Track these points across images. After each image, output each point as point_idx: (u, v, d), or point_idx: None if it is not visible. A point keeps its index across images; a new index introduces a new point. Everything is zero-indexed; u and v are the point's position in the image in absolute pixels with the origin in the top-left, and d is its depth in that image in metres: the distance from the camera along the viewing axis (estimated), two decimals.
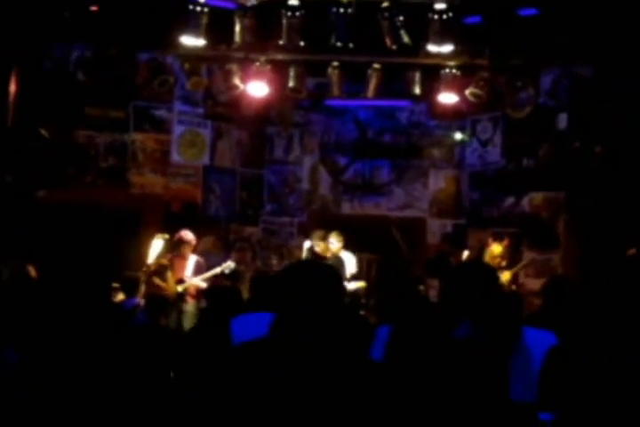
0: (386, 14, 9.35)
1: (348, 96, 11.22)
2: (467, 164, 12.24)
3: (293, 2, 9.31)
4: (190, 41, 9.52)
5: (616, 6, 8.93)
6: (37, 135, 9.92)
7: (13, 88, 9.65)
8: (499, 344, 3.43)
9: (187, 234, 9.59)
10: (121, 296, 8.11)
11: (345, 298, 6.58)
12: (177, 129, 11.52)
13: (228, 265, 9.53)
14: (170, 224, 10.48)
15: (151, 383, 4.33)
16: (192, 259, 9.50)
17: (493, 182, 11.75)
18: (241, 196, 12.23)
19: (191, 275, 9.37)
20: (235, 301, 5.51)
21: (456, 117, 12.00)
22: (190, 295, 9.33)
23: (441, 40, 9.29)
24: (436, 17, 9.16)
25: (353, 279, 9.94)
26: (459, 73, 10.18)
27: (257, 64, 10.22)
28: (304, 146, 12.70)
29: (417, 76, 10.36)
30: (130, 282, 8.10)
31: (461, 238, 11.98)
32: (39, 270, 7.51)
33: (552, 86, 10.89)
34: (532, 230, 11.01)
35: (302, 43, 9.61)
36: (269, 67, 10.26)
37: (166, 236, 9.50)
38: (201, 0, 9.35)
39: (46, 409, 3.99)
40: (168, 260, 9.24)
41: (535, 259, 10.67)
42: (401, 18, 9.36)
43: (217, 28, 9.68)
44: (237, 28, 9.66)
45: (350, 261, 10.05)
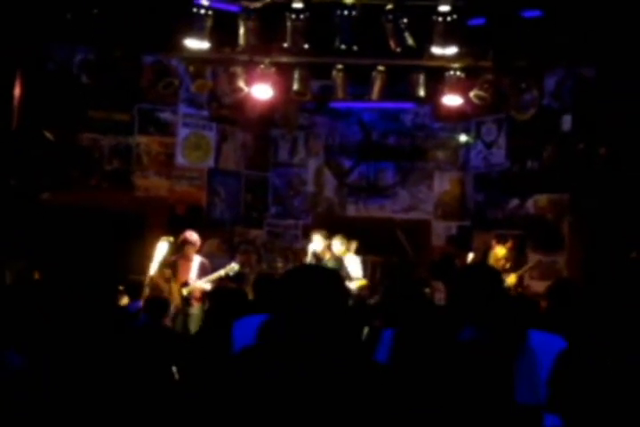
0: (390, 17, 9.36)
1: (353, 98, 11.22)
2: (471, 166, 12.24)
3: (298, 4, 9.32)
4: (195, 44, 9.54)
5: (619, 7, 8.92)
6: (42, 138, 9.94)
7: (17, 91, 9.67)
8: (503, 347, 3.42)
9: (192, 235, 9.56)
10: (125, 300, 8.11)
11: (349, 300, 6.56)
12: (182, 132, 11.53)
13: (232, 267, 9.49)
14: (174, 227, 10.46)
15: (153, 385, 4.33)
16: (196, 260, 9.45)
17: (498, 184, 11.74)
18: (246, 198, 12.23)
19: (195, 277, 9.34)
20: (239, 303, 5.50)
21: (460, 119, 12.01)
22: (195, 298, 9.31)
23: (445, 42, 9.29)
24: (440, 19, 9.17)
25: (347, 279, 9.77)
26: (463, 75, 10.20)
27: (261, 67, 10.25)
28: (309, 148, 12.70)
29: (421, 78, 10.38)
30: (134, 285, 8.10)
31: (466, 240, 11.97)
32: (43, 273, 7.52)
33: (556, 88, 10.88)
34: (537, 232, 11.00)
35: (307, 45, 9.63)
36: (274, 69, 10.28)
37: (171, 238, 9.47)
38: (205, 3, 9.37)
39: (48, 411, 4.00)
40: (172, 262, 9.23)
41: (540, 261, 10.65)
42: (405, 20, 9.37)
43: (221, 31, 9.71)
44: (242, 31, 9.67)
45: (354, 263, 9.99)
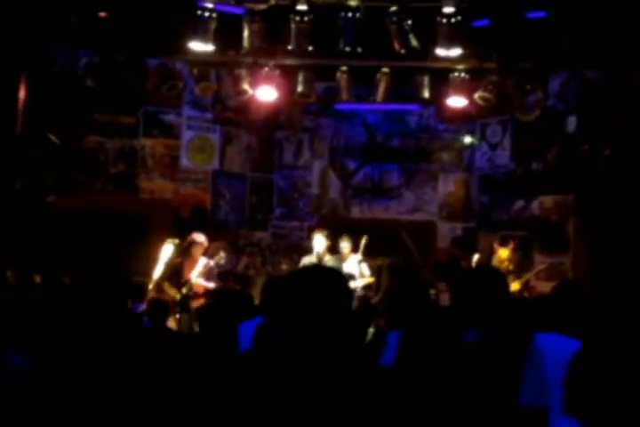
0: (394, 18, 9.36)
1: (357, 100, 11.21)
2: (476, 167, 12.23)
3: (302, 7, 9.32)
4: (199, 46, 9.54)
5: (624, 9, 8.91)
6: (47, 141, 9.96)
7: (22, 94, 9.70)
8: (508, 348, 3.42)
9: (199, 236, 9.57)
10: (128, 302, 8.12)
11: (352, 301, 6.53)
12: (186, 134, 11.55)
13: (221, 257, 9.52)
14: (179, 229, 10.47)
15: (155, 387, 4.33)
16: (201, 261, 9.48)
17: (503, 186, 11.73)
18: (250, 200, 12.24)
19: (196, 276, 9.34)
20: (243, 305, 5.49)
21: (465, 121, 12.00)
22: (198, 295, 9.31)
23: (449, 44, 9.28)
24: (445, 21, 9.15)
25: (351, 278, 9.69)
26: (467, 76, 10.18)
27: (266, 69, 10.24)
28: (313, 150, 12.70)
29: (426, 79, 10.36)
30: (137, 288, 8.11)
31: (471, 242, 11.96)
32: (47, 275, 7.53)
33: (561, 89, 10.87)
34: (542, 234, 10.98)
35: (311, 47, 9.62)
36: (278, 71, 10.28)
37: (176, 241, 9.48)
38: (209, 6, 9.38)
39: (49, 412, 4.00)
40: (178, 263, 9.24)
41: (545, 267, 10.59)
42: (409, 22, 9.37)
43: (225, 34, 9.71)
44: (246, 33, 9.68)
45: (362, 263, 9.96)
